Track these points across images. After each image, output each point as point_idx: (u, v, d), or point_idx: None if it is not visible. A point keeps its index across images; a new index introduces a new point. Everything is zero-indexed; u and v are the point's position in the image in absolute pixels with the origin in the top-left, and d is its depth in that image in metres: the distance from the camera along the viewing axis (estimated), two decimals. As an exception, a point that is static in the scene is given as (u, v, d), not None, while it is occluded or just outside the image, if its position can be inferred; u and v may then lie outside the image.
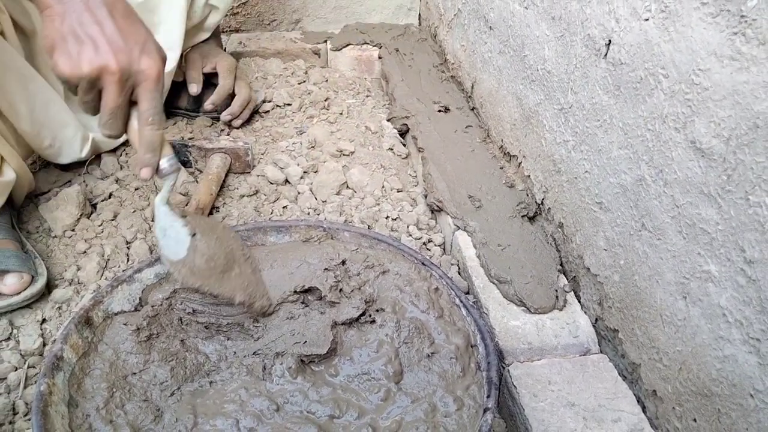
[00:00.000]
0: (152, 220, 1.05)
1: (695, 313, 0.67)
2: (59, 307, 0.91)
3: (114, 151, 1.22)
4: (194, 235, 0.81)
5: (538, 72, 1.00)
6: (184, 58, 1.31)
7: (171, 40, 1.17)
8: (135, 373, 0.77)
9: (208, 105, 1.28)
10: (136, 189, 1.15)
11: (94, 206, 1.10)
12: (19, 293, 0.89)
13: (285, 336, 0.81)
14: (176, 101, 1.35)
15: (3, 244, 0.92)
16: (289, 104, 1.43)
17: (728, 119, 0.59)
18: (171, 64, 1.21)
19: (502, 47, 1.16)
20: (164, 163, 0.76)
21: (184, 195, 1.13)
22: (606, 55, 0.79)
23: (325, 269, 0.87)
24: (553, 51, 0.94)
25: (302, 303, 0.86)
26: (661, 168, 0.70)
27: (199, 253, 0.80)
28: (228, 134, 1.33)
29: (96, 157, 1.20)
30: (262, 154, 1.26)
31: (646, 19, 0.69)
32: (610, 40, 0.78)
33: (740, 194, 0.59)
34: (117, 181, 1.16)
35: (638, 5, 0.71)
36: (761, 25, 0.54)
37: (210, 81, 1.41)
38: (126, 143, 1.25)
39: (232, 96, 1.31)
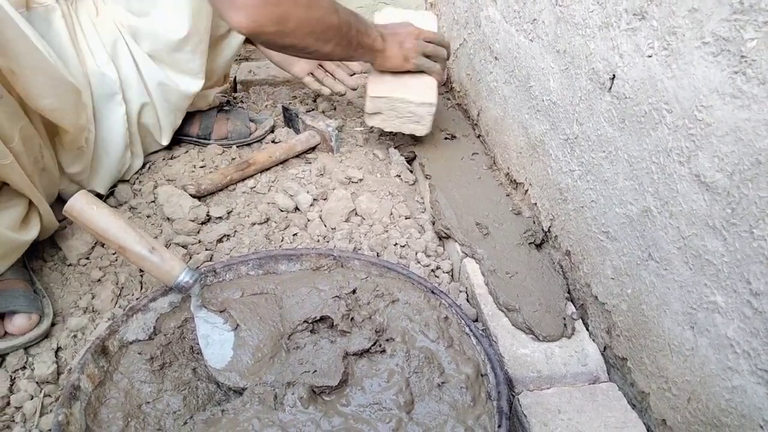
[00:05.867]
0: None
1: (703, 343, 0.68)
2: (74, 335, 0.92)
3: (127, 180, 1.25)
4: (236, 328, 0.84)
5: (544, 102, 1.03)
6: None
7: (195, 67, 1.23)
8: (149, 402, 0.78)
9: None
10: (148, 216, 1.17)
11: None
12: (24, 334, 0.89)
13: (294, 365, 0.82)
14: (188, 129, 1.38)
15: (13, 284, 0.93)
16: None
17: (731, 155, 0.60)
18: (195, 87, 1.25)
19: (507, 77, 1.19)
20: (184, 278, 0.80)
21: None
22: (610, 88, 0.81)
23: (336, 297, 0.88)
24: (558, 83, 0.96)
25: (310, 331, 0.87)
26: (667, 200, 0.71)
27: (246, 348, 0.83)
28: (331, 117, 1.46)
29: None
30: (272, 181, 1.28)
31: (649, 56, 0.72)
32: (614, 75, 0.80)
33: (745, 227, 0.60)
34: (131, 209, 1.18)
35: (641, 42, 0.73)
36: (761, 65, 0.56)
37: (222, 107, 1.44)
38: (137, 173, 1.28)
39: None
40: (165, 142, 1.30)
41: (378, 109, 1.27)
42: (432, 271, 1.08)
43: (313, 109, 1.56)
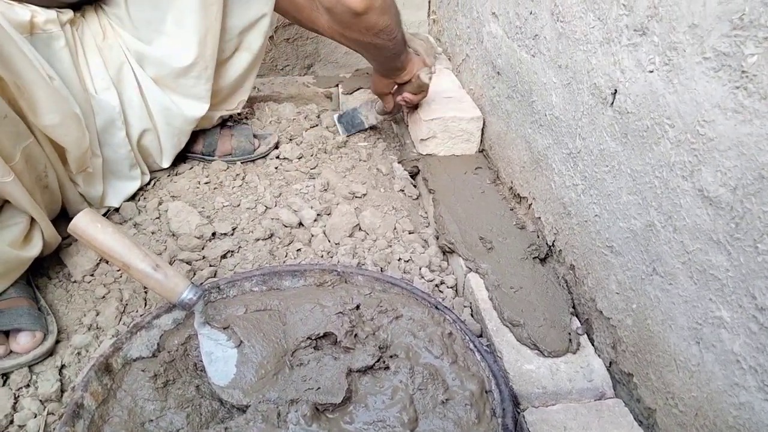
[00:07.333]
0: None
1: (709, 358, 0.67)
2: (78, 353, 0.92)
3: (132, 196, 1.25)
4: (240, 344, 0.85)
5: (546, 117, 1.03)
6: None
7: (200, 92, 1.23)
8: (152, 420, 0.78)
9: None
10: (152, 233, 1.17)
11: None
12: (29, 352, 0.89)
13: (297, 382, 0.82)
14: (191, 146, 1.39)
15: (17, 302, 0.93)
16: (301, 146, 1.46)
17: (734, 169, 0.60)
18: (199, 111, 1.25)
19: (510, 92, 1.19)
20: (188, 295, 0.80)
21: None
22: (612, 103, 0.81)
23: (340, 313, 0.88)
24: (561, 98, 0.97)
25: (314, 348, 0.87)
26: (670, 214, 0.71)
27: (250, 365, 0.83)
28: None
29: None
30: (276, 197, 1.29)
31: (651, 71, 0.72)
32: (616, 90, 0.80)
33: (749, 242, 0.60)
34: (135, 225, 1.18)
35: (642, 58, 0.73)
36: (762, 80, 0.56)
37: (225, 123, 1.45)
38: (142, 189, 1.28)
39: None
40: (165, 164, 1.30)
41: (432, 133, 1.30)
42: (436, 286, 1.08)
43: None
